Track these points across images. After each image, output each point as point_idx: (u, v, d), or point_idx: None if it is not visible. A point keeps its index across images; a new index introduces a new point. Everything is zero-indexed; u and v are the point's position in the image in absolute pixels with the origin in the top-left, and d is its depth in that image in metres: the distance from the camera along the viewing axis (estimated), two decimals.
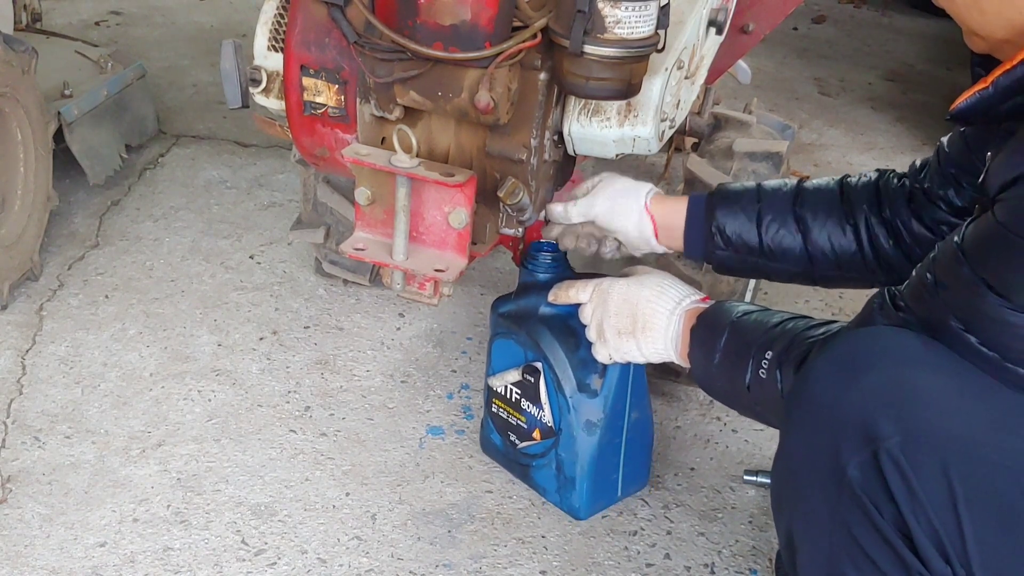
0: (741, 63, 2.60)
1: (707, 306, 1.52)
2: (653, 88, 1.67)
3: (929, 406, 1.11)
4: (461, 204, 1.62)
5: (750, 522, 1.96)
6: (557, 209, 1.79)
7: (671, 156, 2.81)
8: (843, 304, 2.65)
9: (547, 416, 1.82)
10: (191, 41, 4.03)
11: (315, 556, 1.82)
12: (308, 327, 2.41)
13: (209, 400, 2.16)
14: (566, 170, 1.87)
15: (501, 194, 1.63)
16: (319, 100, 1.70)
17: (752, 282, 2.24)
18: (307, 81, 1.68)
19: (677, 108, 1.82)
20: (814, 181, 1.68)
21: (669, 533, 1.92)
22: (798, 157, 3.44)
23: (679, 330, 1.53)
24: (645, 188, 1.76)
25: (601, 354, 1.65)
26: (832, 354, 1.21)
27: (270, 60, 1.81)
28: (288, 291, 2.53)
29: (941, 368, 1.14)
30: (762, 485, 2.00)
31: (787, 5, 2.36)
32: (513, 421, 1.90)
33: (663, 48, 1.55)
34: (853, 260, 1.63)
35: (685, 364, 1.54)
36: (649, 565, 1.85)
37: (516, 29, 1.52)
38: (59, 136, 2.60)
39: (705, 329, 1.46)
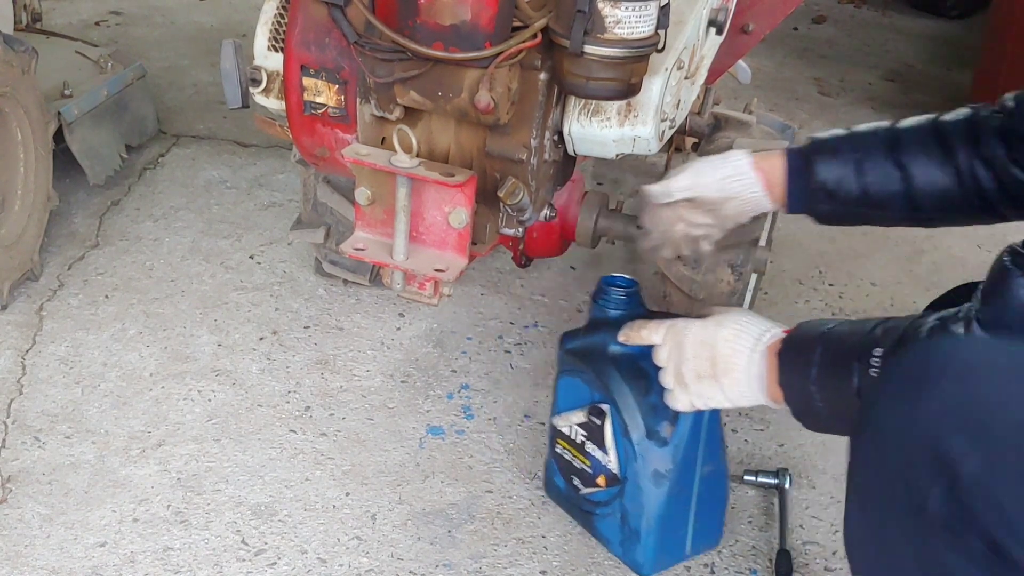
0: (741, 63, 2.60)
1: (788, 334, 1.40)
2: (653, 88, 1.67)
3: (1006, 417, 0.97)
4: (461, 204, 1.62)
5: (750, 522, 1.96)
6: (655, 188, 1.68)
7: (671, 156, 2.81)
8: (843, 304, 2.65)
9: (612, 462, 1.71)
10: (191, 41, 4.03)
11: (315, 556, 1.82)
12: (308, 327, 2.41)
13: (209, 400, 2.16)
14: (566, 170, 1.87)
15: (501, 194, 1.63)
16: (319, 100, 1.70)
17: (753, 279, 2.23)
18: (307, 81, 1.68)
19: (677, 108, 1.82)
20: (907, 121, 1.59)
21: None
22: None
23: (763, 368, 1.38)
24: (741, 152, 1.68)
25: (681, 401, 1.49)
26: (893, 373, 1.12)
27: (270, 60, 1.81)
28: (288, 291, 2.53)
29: (1017, 371, 1.02)
30: (762, 485, 1.99)
31: (787, 5, 2.36)
32: (577, 464, 1.78)
33: (663, 48, 1.55)
34: (955, 198, 1.54)
35: (776, 403, 1.38)
36: None
37: (516, 29, 1.52)
38: (59, 136, 2.60)
39: (794, 350, 1.34)
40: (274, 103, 1.83)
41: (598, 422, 1.70)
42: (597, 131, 1.70)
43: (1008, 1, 3.45)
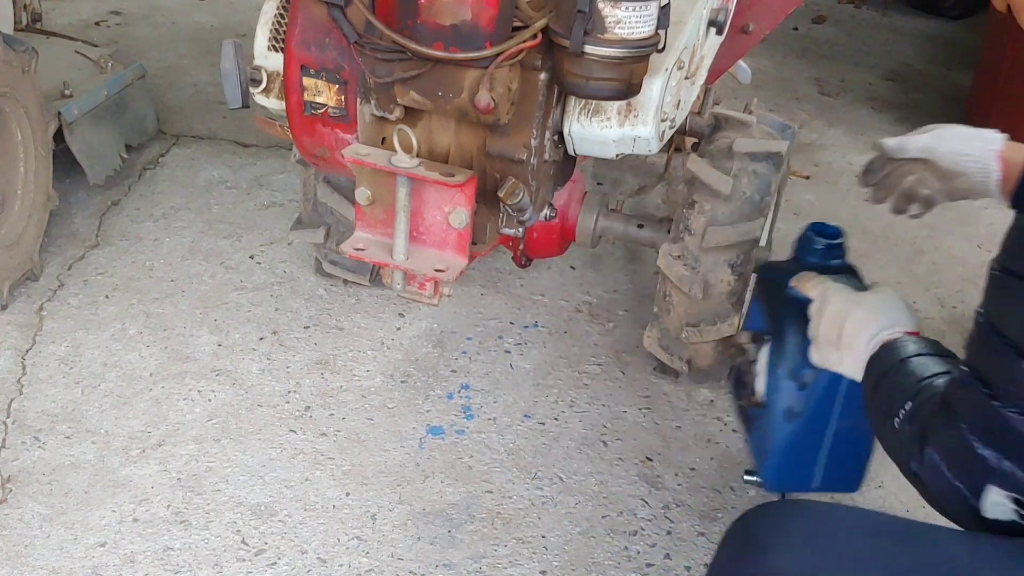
0: (741, 63, 2.60)
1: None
2: (653, 88, 1.67)
3: None
4: (461, 204, 1.62)
5: None
6: (891, 143, 1.71)
7: (671, 156, 2.80)
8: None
9: (760, 387, 1.82)
10: (191, 41, 4.03)
11: (315, 556, 1.82)
12: (308, 327, 2.41)
13: (209, 400, 2.16)
14: (566, 170, 1.87)
15: (501, 194, 1.63)
16: (319, 100, 1.70)
17: (753, 279, 2.21)
18: (307, 81, 1.68)
19: (677, 108, 1.82)
20: None
21: (669, 533, 1.92)
22: (798, 157, 3.44)
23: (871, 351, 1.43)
24: (995, 137, 1.65)
25: (814, 356, 1.57)
26: (732, 531, 1.25)
27: (270, 60, 1.81)
28: (288, 291, 2.53)
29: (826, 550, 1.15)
30: (762, 485, 1.99)
31: (787, 5, 2.36)
32: (744, 379, 1.90)
33: (663, 48, 1.55)
34: None
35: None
36: (649, 565, 1.85)
37: (516, 29, 1.52)
38: (59, 136, 2.60)
39: (878, 360, 1.40)
40: (274, 103, 1.83)
41: (757, 347, 1.82)
42: (597, 131, 1.70)
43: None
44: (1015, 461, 1.08)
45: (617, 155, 1.75)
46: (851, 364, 1.46)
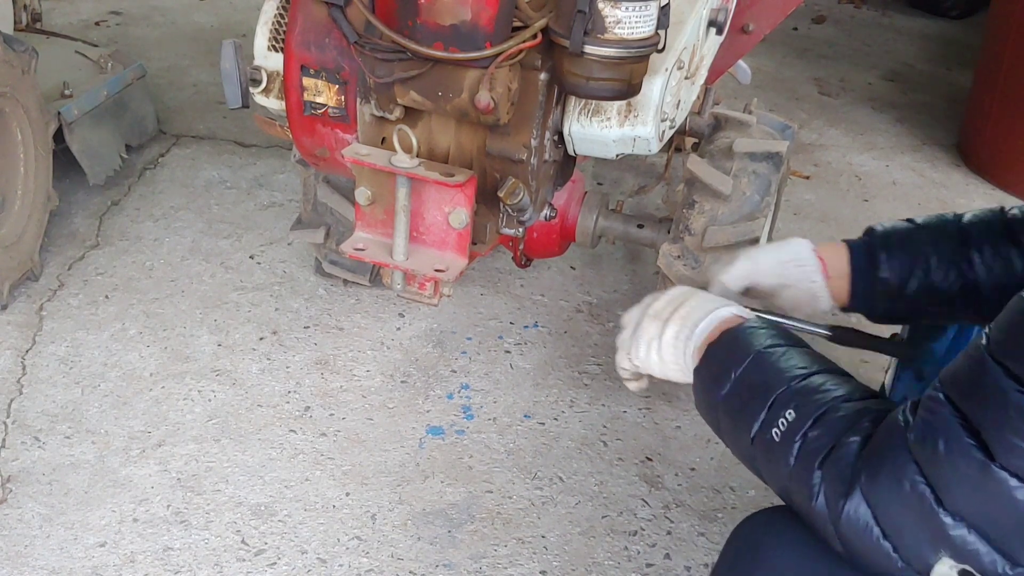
0: (741, 63, 2.60)
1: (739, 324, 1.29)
2: (653, 88, 1.67)
3: None
4: (461, 204, 1.62)
5: None
6: (714, 289, 1.55)
7: (671, 156, 2.81)
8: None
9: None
10: (191, 41, 4.03)
11: (315, 556, 1.82)
12: (308, 327, 2.41)
13: (209, 400, 2.16)
14: (566, 170, 1.87)
15: (501, 194, 1.63)
16: (319, 100, 1.70)
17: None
18: (307, 81, 1.68)
19: (677, 108, 1.82)
20: (973, 214, 1.51)
21: (669, 533, 1.92)
22: (798, 157, 3.44)
23: (701, 340, 1.28)
24: (802, 240, 1.56)
25: (624, 336, 1.39)
26: (732, 538, 1.22)
27: (270, 60, 1.81)
28: (288, 291, 2.53)
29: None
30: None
31: (787, 5, 2.36)
32: None
33: (663, 48, 1.55)
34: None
35: (686, 376, 1.32)
36: (649, 565, 1.85)
37: (516, 29, 1.52)
38: (59, 136, 2.60)
39: (724, 349, 1.25)
40: (274, 103, 1.83)
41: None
42: (597, 131, 1.70)
43: (1008, 1, 3.45)
44: (983, 531, 0.97)
45: (617, 155, 1.75)
46: (670, 339, 1.30)
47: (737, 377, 1.21)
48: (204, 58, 3.85)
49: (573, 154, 1.79)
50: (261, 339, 2.36)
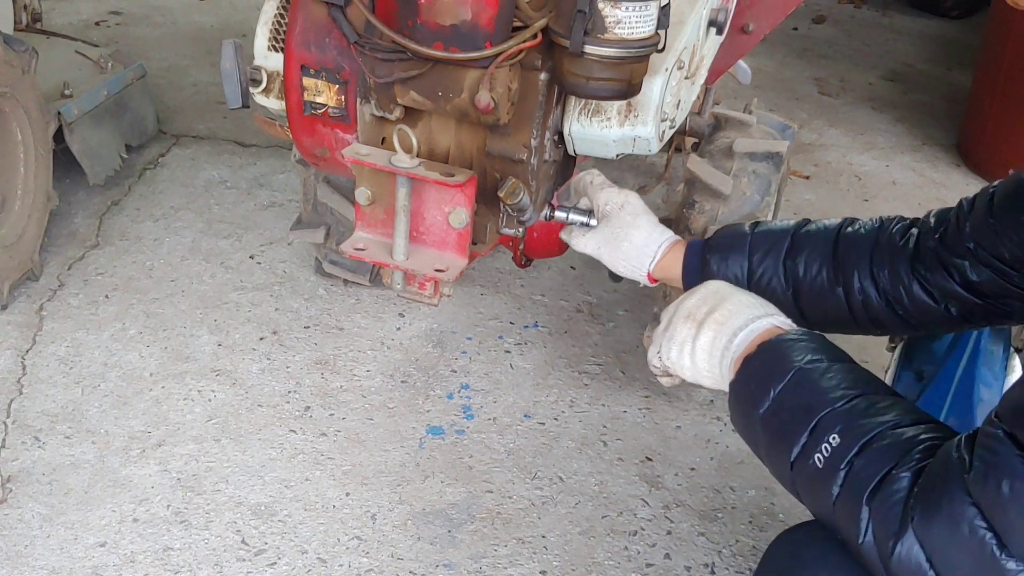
0: (741, 63, 2.60)
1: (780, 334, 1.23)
2: (653, 88, 1.66)
3: None
4: (461, 204, 1.61)
5: (750, 522, 1.96)
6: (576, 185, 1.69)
7: (671, 156, 2.80)
8: None
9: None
10: (191, 41, 4.03)
11: (315, 556, 1.82)
12: (308, 327, 2.41)
13: (209, 400, 2.16)
14: (566, 170, 1.87)
15: (501, 194, 1.63)
16: (319, 100, 1.70)
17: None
18: (307, 81, 1.68)
19: (677, 108, 1.82)
20: (813, 226, 1.53)
21: (669, 533, 1.92)
22: (798, 157, 3.44)
23: (739, 351, 1.23)
24: (655, 245, 1.62)
25: (653, 347, 1.35)
26: (777, 546, 1.20)
27: (270, 60, 1.81)
28: (288, 291, 2.53)
29: None
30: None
31: (787, 5, 2.36)
32: None
33: (663, 48, 1.55)
34: (840, 313, 1.47)
35: (719, 384, 1.27)
36: (649, 565, 1.85)
37: (516, 29, 1.51)
38: (59, 136, 2.60)
39: (763, 364, 1.19)
40: (274, 103, 1.83)
41: None
42: (597, 131, 1.70)
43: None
44: None
45: (617, 155, 1.75)
46: (706, 345, 1.25)
47: (777, 395, 1.15)
48: (204, 58, 3.85)
49: (573, 154, 1.79)
50: (261, 339, 2.36)
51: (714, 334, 1.25)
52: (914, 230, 1.44)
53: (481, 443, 2.10)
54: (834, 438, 1.08)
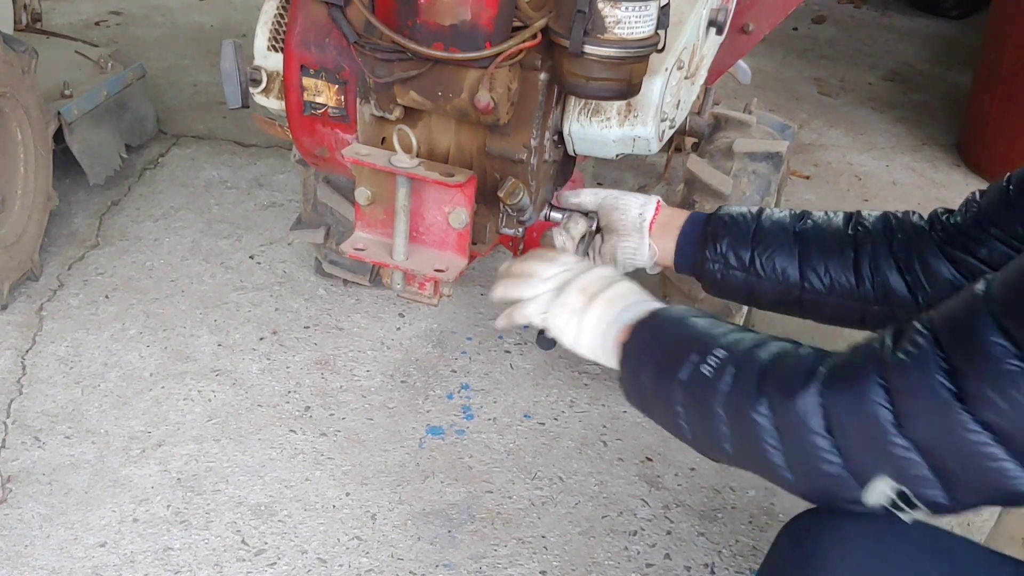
0: (741, 63, 2.60)
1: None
2: (653, 88, 1.67)
3: None
4: (461, 204, 1.61)
5: (750, 522, 1.96)
6: (567, 193, 1.75)
7: (671, 156, 2.80)
8: None
9: None
10: (191, 41, 4.03)
11: (315, 556, 1.82)
12: (308, 327, 2.41)
13: (209, 400, 2.16)
14: (566, 170, 1.87)
15: (501, 194, 1.63)
16: (319, 100, 1.70)
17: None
18: (307, 81, 1.68)
19: (677, 108, 1.82)
20: (820, 213, 1.59)
21: (669, 533, 1.92)
22: (798, 157, 3.44)
23: (624, 324, 1.32)
24: (653, 197, 1.68)
25: (529, 309, 1.42)
26: (788, 531, 1.20)
27: (270, 60, 1.81)
28: (288, 291, 2.53)
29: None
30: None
31: (787, 5, 2.36)
32: None
33: (663, 48, 1.55)
34: (848, 286, 1.52)
35: (596, 355, 1.35)
36: (649, 565, 1.85)
37: (516, 29, 1.51)
38: (59, 136, 2.60)
39: (655, 324, 1.29)
40: (274, 103, 1.83)
41: None
42: (597, 131, 1.70)
43: (1008, 1, 3.45)
44: (931, 461, 1.02)
45: (617, 155, 1.75)
46: (594, 317, 1.34)
47: (667, 339, 1.25)
48: (204, 58, 3.85)
49: (573, 154, 1.79)
50: (261, 339, 2.36)
51: (603, 309, 1.34)
52: (921, 219, 1.50)
53: (481, 443, 2.10)
54: (720, 351, 1.17)
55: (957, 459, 1.01)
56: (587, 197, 1.72)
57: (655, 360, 1.24)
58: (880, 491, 1.05)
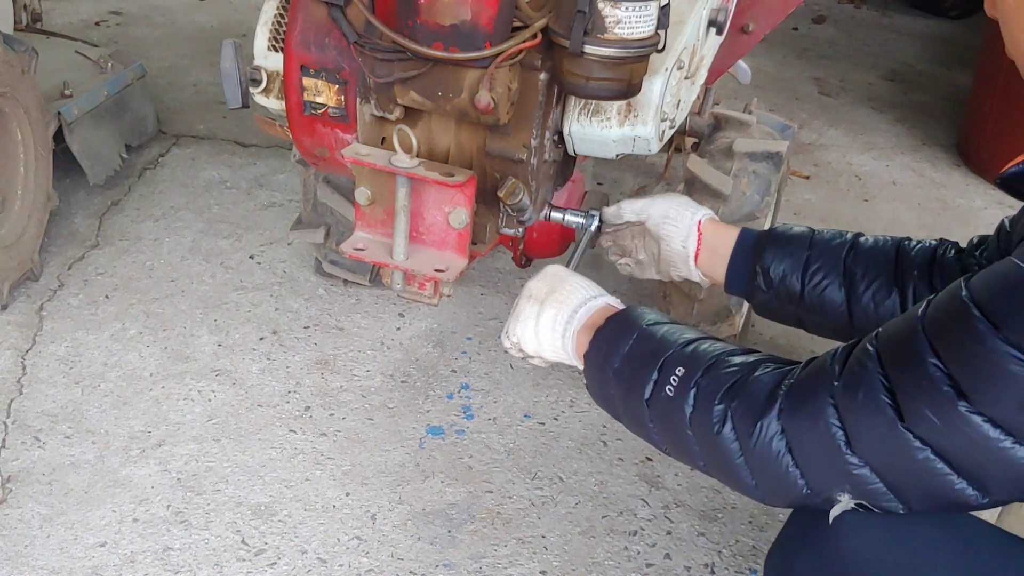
0: (741, 63, 2.60)
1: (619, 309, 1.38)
2: (653, 88, 1.67)
3: None
4: (461, 204, 1.61)
5: (750, 522, 1.96)
6: (611, 210, 1.77)
7: (671, 156, 2.81)
8: None
9: None
10: (191, 41, 4.03)
11: (315, 556, 1.82)
12: (308, 327, 2.41)
13: (209, 400, 2.16)
14: (566, 170, 1.87)
15: (501, 194, 1.63)
16: (319, 100, 1.70)
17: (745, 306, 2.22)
18: (307, 81, 1.68)
19: (677, 108, 1.82)
20: (871, 237, 1.59)
21: (669, 533, 1.92)
22: (798, 157, 3.44)
23: (581, 324, 1.37)
24: (704, 209, 1.70)
25: (506, 332, 1.48)
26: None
27: (270, 60, 1.81)
28: (288, 291, 2.53)
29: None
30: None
31: (787, 5, 2.36)
32: None
33: (663, 48, 1.55)
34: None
35: (560, 357, 1.41)
36: (649, 565, 1.85)
37: (516, 29, 1.51)
38: (59, 136, 2.60)
39: (612, 330, 1.32)
40: (274, 103, 1.83)
41: None
42: (597, 131, 1.70)
43: None
44: (883, 476, 1.06)
45: (617, 155, 1.75)
46: (548, 321, 1.38)
47: (626, 352, 1.27)
48: (204, 58, 3.85)
49: (573, 154, 1.79)
50: (261, 339, 2.36)
51: (555, 312, 1.39)
52: (963, 253, 1.52)
53: (481, 443, 2.10)
54: (680, 370, 1.21)
55: (906, 474, 1.05)
56: (629, 215, 1.74)
57: (617, 375, 1.28)
58: (842, 507, 1.11)
